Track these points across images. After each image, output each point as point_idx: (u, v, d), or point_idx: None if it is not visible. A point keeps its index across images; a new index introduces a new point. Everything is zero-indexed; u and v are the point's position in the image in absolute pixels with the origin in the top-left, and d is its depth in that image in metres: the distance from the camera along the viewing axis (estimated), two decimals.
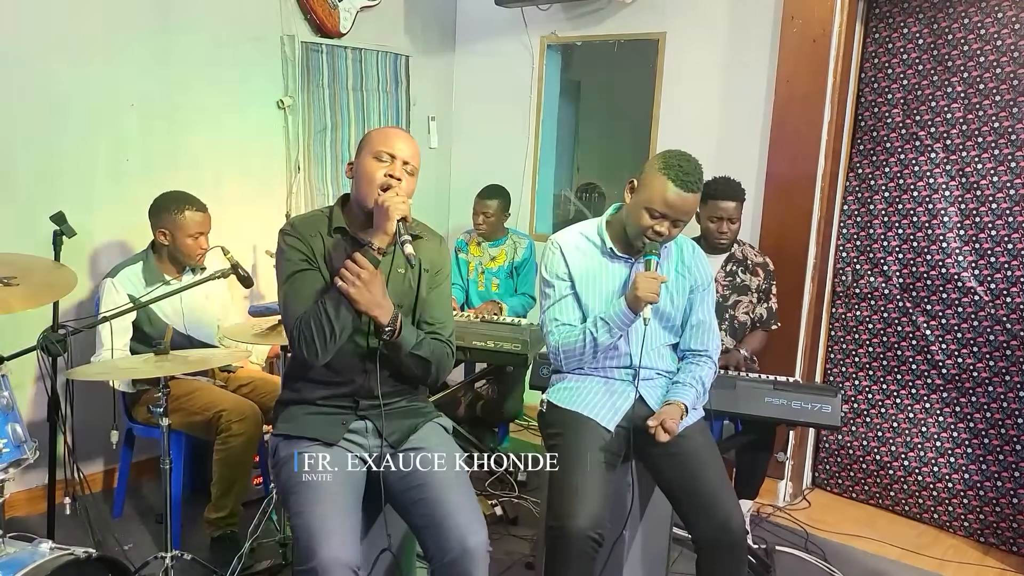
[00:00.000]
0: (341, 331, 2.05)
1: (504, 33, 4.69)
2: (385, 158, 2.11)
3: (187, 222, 3.08)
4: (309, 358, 2.08)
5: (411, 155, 2.15)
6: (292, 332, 2.09)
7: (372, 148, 2.13)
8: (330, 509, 1.95)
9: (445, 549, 1.96)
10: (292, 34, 4.01)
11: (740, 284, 3.37)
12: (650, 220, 2.32)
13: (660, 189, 2.28)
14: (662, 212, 2.30)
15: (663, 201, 2.28)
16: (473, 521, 2.00)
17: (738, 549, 2.26)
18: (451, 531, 1.96)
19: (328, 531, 1.88)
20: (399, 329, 2.11)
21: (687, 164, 2.29)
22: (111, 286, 3.03)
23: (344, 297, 2.03)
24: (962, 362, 3.44)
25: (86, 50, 3.29)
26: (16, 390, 2.25)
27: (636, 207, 2.35)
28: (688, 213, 2.35)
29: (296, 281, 2.12)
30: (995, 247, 3.32)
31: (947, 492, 3.55)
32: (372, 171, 2.11)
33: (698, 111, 4.05)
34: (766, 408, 2.88)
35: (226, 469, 2.94)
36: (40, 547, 2.02)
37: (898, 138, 3.57)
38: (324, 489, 2.00)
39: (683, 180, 2.27)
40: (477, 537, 1.96)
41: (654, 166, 2.32)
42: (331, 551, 1.84)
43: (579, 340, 2.41)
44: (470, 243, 4.36)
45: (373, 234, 2.05)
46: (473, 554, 1.95)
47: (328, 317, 2.03)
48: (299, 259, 2.13)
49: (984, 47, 3.29)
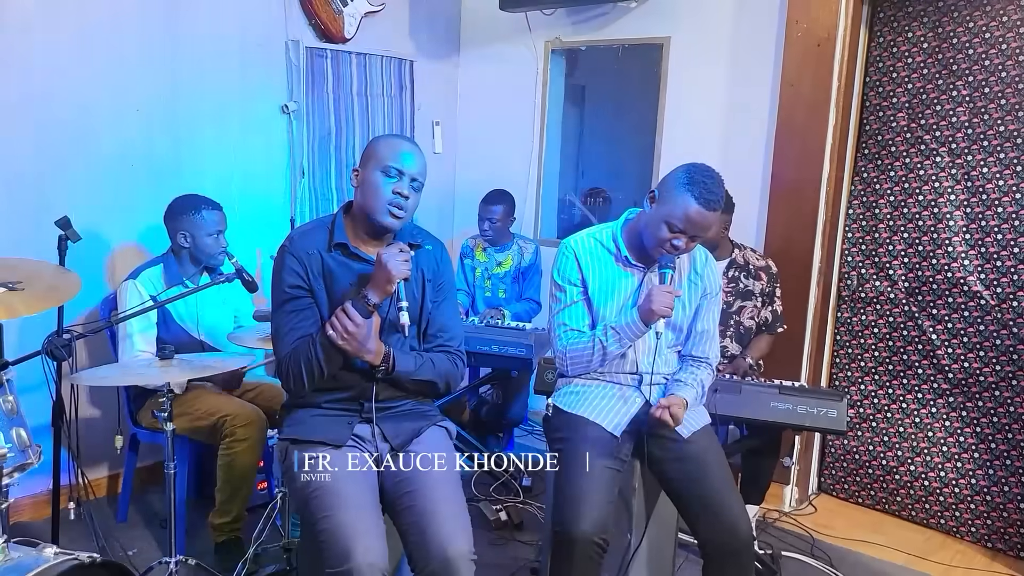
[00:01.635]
0: (329, 372, 2.09)
1: (508, 38, 4.70)
2: (393, 173, 2.10)
3: (206, 221, 3.09)
4: (295, 390, 2.13)
5: (419, 171, 2.15)
6: (280, 366, 2.12)
7: (380, 161, 2.12)
8: (357, 511, 1.96)
9: (427, 558, 1.96)
10: (297, 39, 4.01)
11: (743, 290, 3.36)
12: (669, 234, 2.29)
13: (683, 205, 2.26)
14: (682, 227, 2.27)
15: (684, 217, 2.26)
16: (456, 530, 1.99)
17: (744, 554, 2.25)
18: (433, 540, 1.96)
19: (360, 533, 1.89)
20: (392, 366, 2.14)
21: (711, 182, 2.26)
22: (133, 287, 3.03)
23: (337, 352, 2.06)
24: (968, 366, 3.43)
25: (92, 55, 3.30)
26: (21, 395, 2.25)
27: (656, 219, 2.32)
28: (707, 229, 2.32)
29: (287, 311, 2.13)
30: (1001, 251, 3.31)
31: (954, 497, 3.53)
32: (380, 186, 2.10)
33: (702, 115, 4.04)
34: (772, 413, 2.87)
35: (230, 474, 2.93)
36: (44, 552, 2.01)
37: (903, 142, 3.56)
38: (347, 491, 2.01)
39: (707, 198, 2.24)
40: (458, 547, 1.96)
41: (679, 180, 2.28)
42: (367, 554, 1.86)
43: (587, 347, 2.40)
44: (476, 248, 4.35)
45: (370, 287, 2.05)
46: (454, 563, 1.94)
47: (319, 361, 2.07)
48: (291, 285, 2.13)
49: (989, 51, 3.28)
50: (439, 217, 4.93)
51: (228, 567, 2.75)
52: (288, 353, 2.10)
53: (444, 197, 5.02)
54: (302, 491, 2.07)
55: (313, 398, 2.19)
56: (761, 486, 3.27)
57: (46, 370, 2.54)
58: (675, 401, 2.32)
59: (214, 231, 3.11)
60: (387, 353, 2.14)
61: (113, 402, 3.32)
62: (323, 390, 2.17)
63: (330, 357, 2.06)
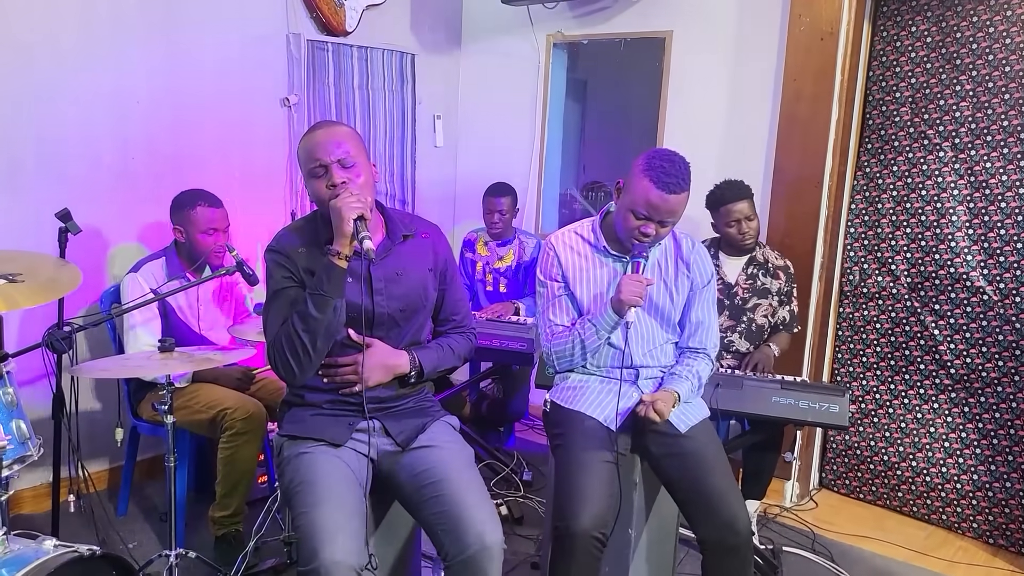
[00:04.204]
0: (312, 345, 2.01)
1: (510, 31, 4.68)
2: (319, 172, 2.06)
3: (199, 218, 3.08)
4: (287, 377, 2.09)
5: (340, 150, 2.05)
6: (268, 352, 2.09)
7: (305, 169, 2.09)
8: (333, 510, 1.93)
9: (463, 545, 1.93)
10: (298, 32, 4.00)
11: (760, 287, 3.35)
12: (636, 221, 2.31)
13: (643, 191, 2.27)
14: (646, 213, 2.29)
15: (646, 203, 2.27)
16: (490, 519, 1.98)
17: (744, 550, 2.25)
18: (469, 528, 1.94)
19: (331, 532, 1.86)
20: (421, 368, 2.19)
21: (669, 165, 2.26)
22: (135, 280, 3.03)
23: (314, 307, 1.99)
24: (971, 362, 3.42)
25: (92, 47, 3.29)
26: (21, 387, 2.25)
27: (623, 208, 2.35)
28: (673, 213, 2.31)
29: (276, 301, 2.10)
30: (1004, 246, 3.30)
31: (956, 493, 3.52)
32: (317, 192, 2.06)
33: (705, 110, 4.03)
34: (773, 408, 2.86)
35: (230, 468, 2.93)
36: (44, 545, 2.01)
37: (906, 137, 3.54)
38: (328, 490, 1.99)
39: (665, 182, 2.24)
40: (495, 535, 1.95)
41: (639, 167, 2.30)
42: (334, 553, 1.82)
43: (567, 342, 2.42)
44: (478, 242, 4.35)
45: (335, 241, 2.01)
46: (491, 551, 1.93)
47: (298, 333, 2.00)
48: (282, 276, 2.10)
49: (993, 45, 3.26)
50: (440, 210, 4.93)
51: (228, 560, 2.76)
52: (274, 337, 2.07)
53: (445, 191, 5.02)
54: (288, 487, 2.07)
55: (313, 398, 2.17)
56: (762, 481, 3.27)
57: (46, 363, 2.54)
58: (659, 396, 2.32)
59: (207, 228, 3.08)
60: (412, 358, 2.18)
61: (114, 395, 3.32)
62: (323, 390, 2.16)
63: (309, 326, 1.99)
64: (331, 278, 2.00)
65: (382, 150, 4.51)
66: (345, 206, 1.97)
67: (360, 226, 1.98)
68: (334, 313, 2.01)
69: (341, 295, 2.03)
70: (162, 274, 3.07)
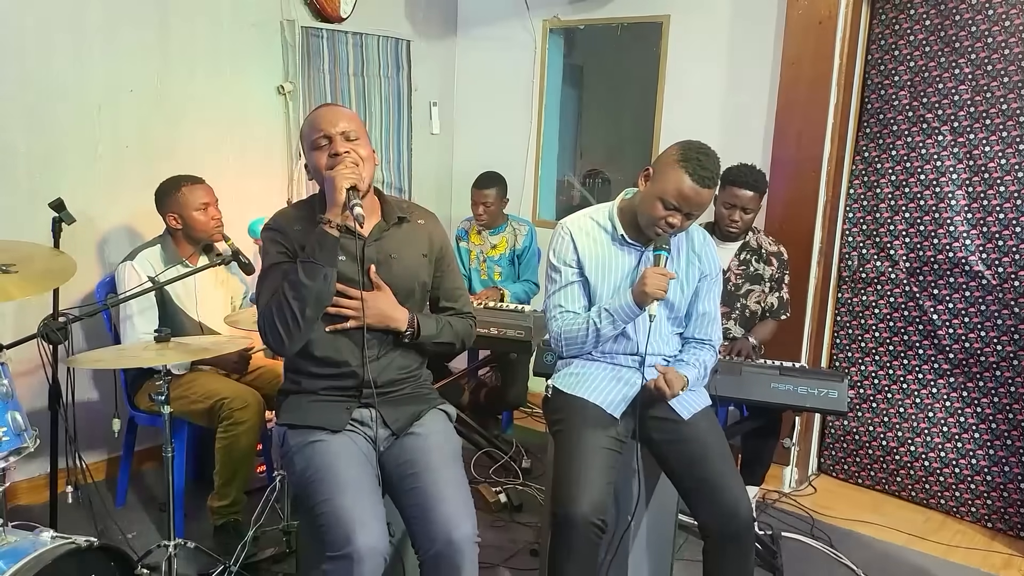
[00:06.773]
0: (302, 312, 2.00)
1: (506, 17, 4.65)
2: (322, 142, 2.08)
3: (187, 198, 3.07)
4: (275, 346, 2.08)
5: (345, 124, 2.08)
6: (259, 323, 2.09)
7: (308, 141, 2.11)
8: (357, 495, 1.94)
9: (431, 541, 1.95)
10: (292, 19, 3.97)
11: (753, 273, 3.34)
12: (663, 211, 2.28)
13: (676, 181, 2.24)
14: (676, 204, 2.26)
15: (678, 193, 2.25)
16: (460, 513, 1.98)
17: (745, 535, 2.24)
18: (437, 523, 1.95)
19: (361, 518, 1.88)
20: (418, 330, 2.17)
21: (706, 158, 2.25)
22: (132, 269, 3.00)
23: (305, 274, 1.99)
24: (969, 347, 3.42)
25: (85, 35, 3.26)
26: (16, 379, 2.24)
27: (650, 197, 2.31)
28: (702, 207, 2.30)
29: (270, 274, 2.10)
30: (1003, 230, 3.29)
31: (954, 478, 3.53)
32: (318, 162, 2.08)
33: (703, 95, 4.01)
34: (772, 394, 2.86)
35: (228, 457, 2.92)
36: (42, 536, 2.01)
37: (905, 121, 3.53)
38: (346, 475, 1.99)
39: (700, 175, 2.22)
40: (462, 530, 1.95)
41: (672, 156, 2.27)
42: (368, 539, 1.85)
43: (582, 328, 2.39)
44: (470, 232, 4.33)
45: (328, 208, 2.02)
46: (458, 546, 1.93)
47: (287, 299, 2.00)
48: (276, 252, 2.11)
49: (992, 28, 3.24)
50: (437, 198, 4.91)
51: (227, 550, 2.75)
52: (264, 306, 2.07)
53: (442, 178, 5.00)
54: (301, 476, 2.06)
55: (310, 384, 2.17)
56: (761, 467, 3.27)
57: (42, 354, 2.53)
58: (672, 371, 2.31)
59: (200, 205, 3.08)
60: (411, 318, 2.17)
61: (110, 385, 3.31)
62: (320, 376, 2.16)
63: (299, 293, 1.99)
64: (323, 246, 2.00)
65: (378, 138, 4.49)
66: (339, 175, 2.00)
67: (352, 195, 1.99)
68: (324, 281, 2.01)
69: (333, 265, 2.03)
70: (158, 261, 3.05)
